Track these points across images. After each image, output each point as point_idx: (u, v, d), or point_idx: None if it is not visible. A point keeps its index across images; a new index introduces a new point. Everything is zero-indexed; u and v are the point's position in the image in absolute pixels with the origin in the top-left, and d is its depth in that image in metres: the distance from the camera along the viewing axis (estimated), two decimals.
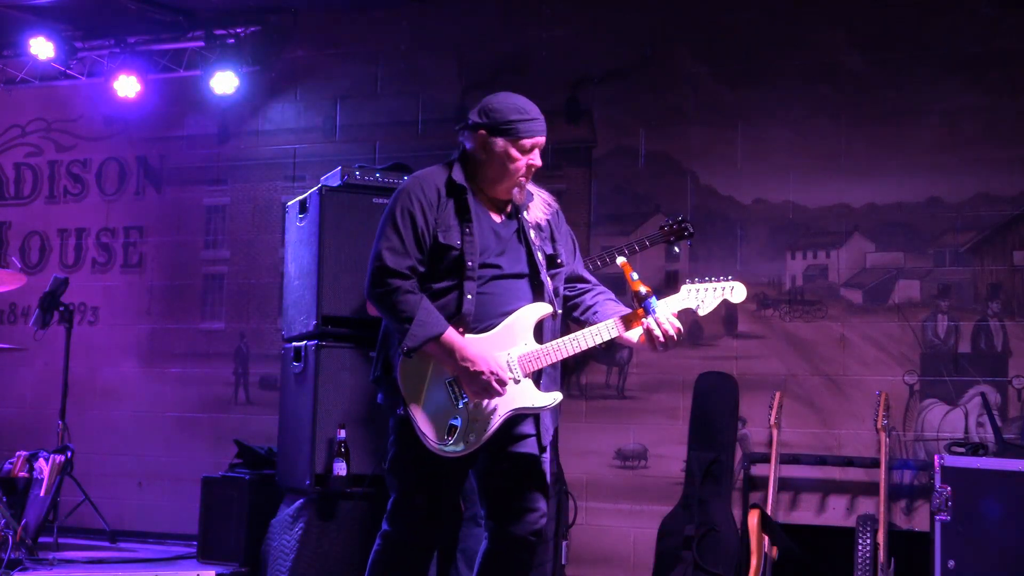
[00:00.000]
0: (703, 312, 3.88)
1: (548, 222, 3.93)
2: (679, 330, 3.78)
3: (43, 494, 6.21)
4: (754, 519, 5.33)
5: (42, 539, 6.22)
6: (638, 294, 3.77)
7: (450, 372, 3.70)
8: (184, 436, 7.52)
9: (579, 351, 3.80)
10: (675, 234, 5.97)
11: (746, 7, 6.53)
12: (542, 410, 3.80)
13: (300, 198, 6.08)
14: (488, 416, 3.71)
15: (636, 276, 3.79)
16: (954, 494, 4.95)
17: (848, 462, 5.99)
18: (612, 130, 6.74)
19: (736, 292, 3.88)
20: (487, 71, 7.01)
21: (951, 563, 4.91)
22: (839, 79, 6.31)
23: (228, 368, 7.53)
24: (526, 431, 3.83)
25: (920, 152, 6.14)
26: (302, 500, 5.69)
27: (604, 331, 3.79)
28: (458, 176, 3.82)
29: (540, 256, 3.84)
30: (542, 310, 3.80)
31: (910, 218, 6.14)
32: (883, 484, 5.42)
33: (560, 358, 3.78)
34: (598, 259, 5.94)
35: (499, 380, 3.67)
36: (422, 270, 3.75)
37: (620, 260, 3.87)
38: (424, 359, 3.70)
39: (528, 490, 3.83)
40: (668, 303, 3.84)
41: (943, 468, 5.00)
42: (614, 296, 3.99)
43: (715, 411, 6.07)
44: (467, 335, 3.71)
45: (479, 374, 3.66)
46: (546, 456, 3.88)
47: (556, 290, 3.89)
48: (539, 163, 3.82)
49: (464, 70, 7.10)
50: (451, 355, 3.67)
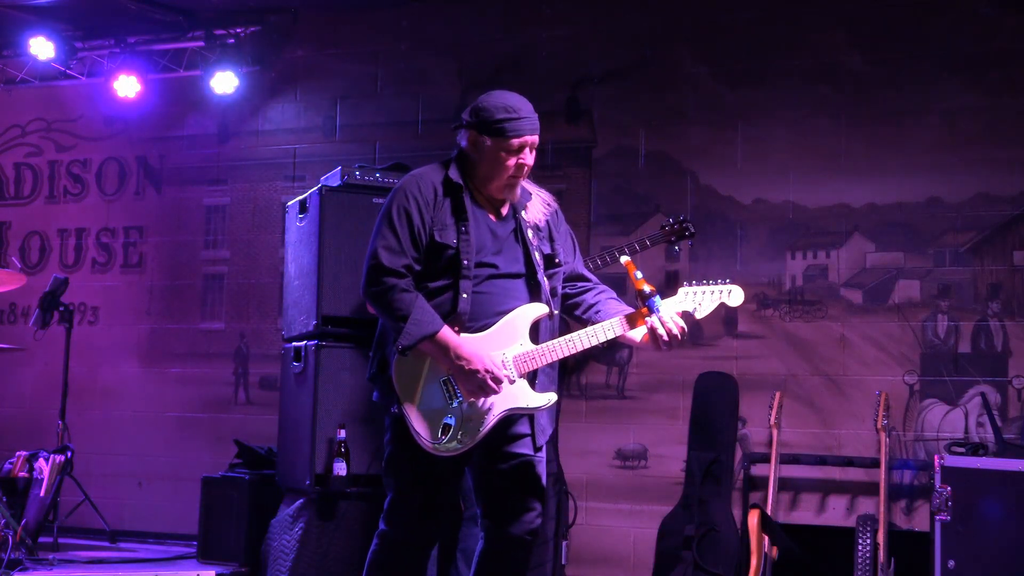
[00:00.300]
0: (700, 315, 3.88)
1: (547, 222, 3.92)
2: (683, 329, 3.78)
3: (43, 494, 6.20)
4: (754, 519, 5.33)
5: (42, 539, 6.21)
6: (642, 292, 3.77)
7: (445, 371, 3.70)
8: (184, 436, 7.52)
9: (576, 352, 3.80)
10: (676, 234, 5.97)
11: (746, 7, 6.53)
12: (537, 411, 3.79)
13: (300, 198, 6.08)
14: (482, 416, 3.71)
15: (640, 275, 3.80)
16: (954, 494, 4.95)
17: (848, 462, 5.99)
18: (612, 130, 6.74)
19: (734, 296, 3.88)
20: (487, 71, 7.00)
21: (951, 563, 4.91)
22: (839, 79, 6.31)
23: (228, 368, 7.53)
24: (521, 431, 3.82)
25: (920, 152, 6.14)
26: (302, 500, 5.68)
27: (604, 331, 3.79)
28: (455, 175, 3.82)
29: (537, 256, 3.83)
30: (538, 310, 3.80)
31: (910, 218, 6.14)
32: (883, 484, 5.42)
33: (556, 359, 3.78)
34: (598, 258, 5.94)
35: (494, 379, 3.66)
36: (418, 268, 3.74)
37: (624, 259, 3.86)
38: (419, 358, 3.70)
39: (524, 490, 3.82)
40: (665, 305, 3.83)
41: (943, 468, 4.99)
42: (616, 295, 3.98)
43: (715, 411, 6.07)
44: (462, 334, 3.70)
45: (474, 372, 3.65)
46: (542, 456, 3.88)
47: (554, 290, 3.88)
48: (530, 162, 3.80)
49: (464, 70, 7.10)
50: (446, 353, 3.66)
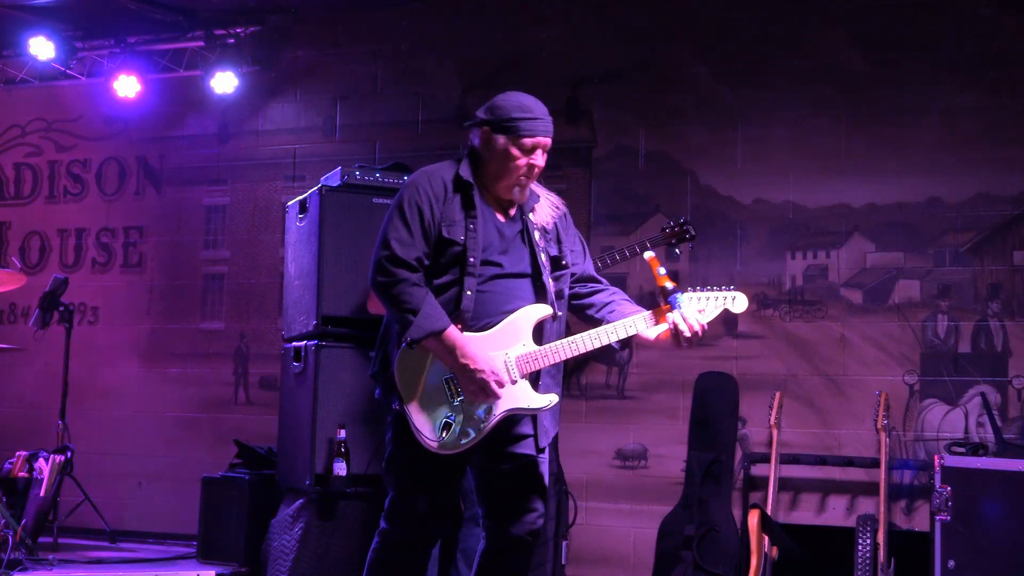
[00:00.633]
0: (703, 320, 3.88)
1: (555, 224, 3.92)
2: (704, 327, 3.79)
3: (43, 494, 6.20)
4: (754, 519, 5.33)
5: (42, 539, 6.22)
6: (664, 289, 3.78)
7: (448, 369, 3.70)
8: (184, 436, 7.52)
9: (578, 353, 3.80)
10: (676, 236, 5.97)
11: (746, 7, 6.53)
12: (538, 411, 3.79)
13: (300, 198, 6.08)
14: (483, 416, 3.71)
15: (663, 271, 3.81)
16: (954, 494, 4.95)
17: (848, 462, 5.99)
18: (612, 130, 6.74)
19: (738, 302, 3.89)
20: (487, 71, 7.01)
21: (951, 563, 4.91)
22: (839, 79, 6.31)
23: (228, 368, 7.53)
24: (524, 431, 3.83)
25: (920, 152, 6.14)
26: (302, 500, 5.68)
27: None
28: (465, 172, 3.82)
29: (543, 257, 3.83)
30: (542, 311, 3.79)
31: (910, 218, 6.14)
32: (883, 484, 5.42)
33: (559, 360, 3.78)
34: (598, 260, 5.93)
35: (497, 381, 3.67)
36: (427, 263, 3.74)
37: (648, 254, 3.88)
38: (422, 355, 3.70)
39: (526, 490, 3.83)
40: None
41: (943, 468, 4.99)
42: (628, 296, 3.98)
43: (715, 411, 6.07)
44: (465, 332, 3.71)
45: (476, 372, 3.65)
46: (544, 457, 3.88)
47: (559, 292, 3.88)
48: (541, 164, 3.80)
49: (464, 70, 7.10)
50: (451, 352, 3.66)
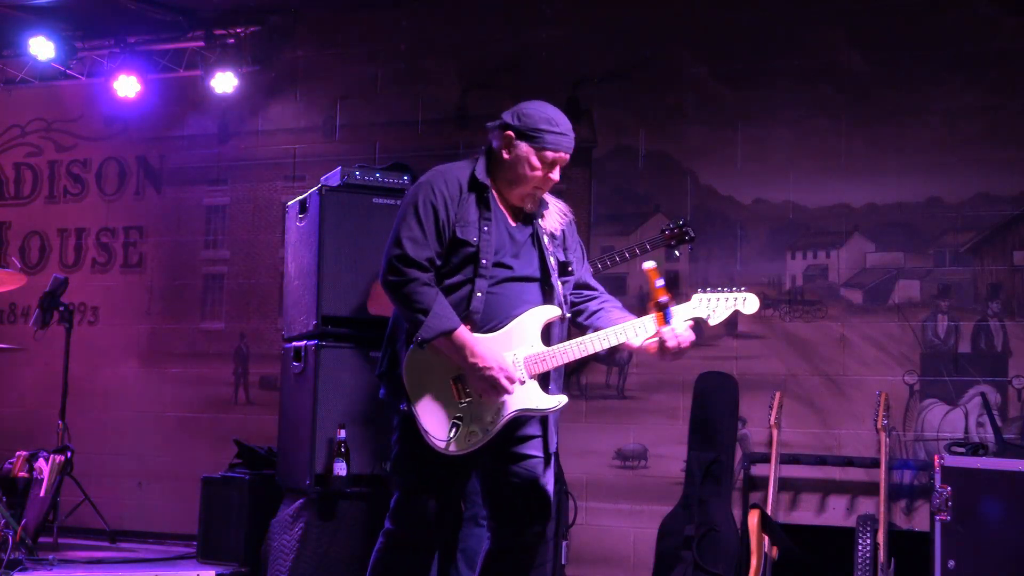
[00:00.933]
0: (714, 322, 3.87)
1: (563, 231, 3.94)
2: (691, 341, 3.79)
3: (43, 494, 6.20)
4: (754, 519, 5.33)
5: (42, 539, 6.22)
6: (659, 303, 3.76)
7: (458, 369, 3.70)
8: (184, 436, 7.52)
9: (588, 354, 3.80)
10: (676, 238, 5.98)
11: (746, 7, 6.53)
12: (547, 412, 3.80)
13: (300, 198, 6.08)
14: (492, 416, 3.71)
15: (661, 283, 3.78)
16: (954, 494, 4.95)
17: (848, 462, 5.99)
18: (612, 130, 6.74)
19: (748, 303, 3.87)
20: (487, 71, 7.01)
21: (951, 563, 4.91)
22: (839, 79, 6.30)
23: (228, 368, 7.53)
24: (531, 432, 3.83)
25: (920, 152, 6.14)
26: (302, 500, 5.68)
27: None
28: (481, 173, 3.82)
29: (552, 261, 3.84)
30: (551, 313, 3.80)
31: (910, 218, 6.14)
32: (883, 484, 5.41)
33: (567, 360, 3.78)
34: (598, 262, 5.94)
35: (508, 377, 3.67)
36: (439, 263, 3.75)
37: (648, 265, 3.83)
38: (431, 356, 3.70)
39: (531, 492, 3.83)
40: (678, 311, 3.83)
41: (943, 468, 4.99)
42: (620, 304, 3.98)
43: (715, 411, 6.06)
44: (474, 334, 3.71)
45: (487, 369, 3.65)
46: (550, 465, 3.89)
47: (566, 296, 3.90)
48: (556, 179, 3.82)
49: (464, 70, 7.10)
50: (460, 352, 3.67)
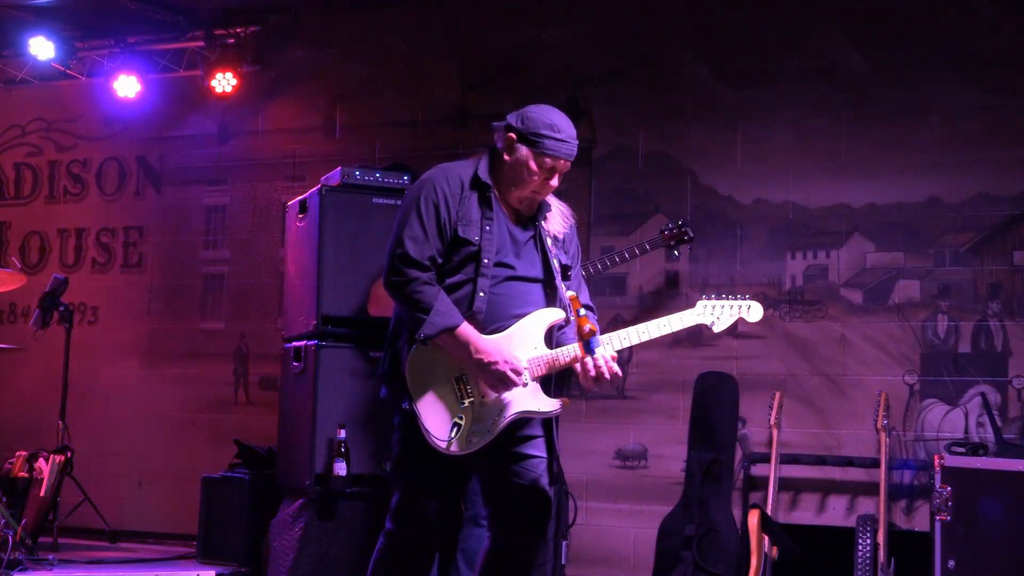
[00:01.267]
0: (718, 329, 3.89)
1: (565, 235, 3.94)
2: (615, 374, 3.75)
3: (43, 494, 6.21)
4: (754, 519, 5.33)
5: (42, 539, 6.22)
6: (581, 330, 3.73)
7: (462, 366, 3.70)
8: (184, 436, 7.52)
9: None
10: (675, 238, 6.00)
11: (746, 7, 6.53)
12: (548, 415, 3.80)
13: (300, 198, 6.08)
14: (494, 416, 3.71)
15: (583, 311, 3.74)
16: (954, 494, 4.95)
17: (848, 462, 5.99)
18: (612, 130, 6.73)
19: (752, 311, 3.89)
20: (487, 71, 7.01)
21: (951, 563, 4.91)
22: (839, 79, 6.30)
23: (228, 368, 7.53)
24: (532, 433, 3.83)
25: (920, 152, 6.13)
26: (302, 500, 5.69)
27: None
28: (483, 173, 3.82)
29: (556, 264, 3.84)
30: (554, 315, 3.80)
31: (910, 218, 6.14)
32: (883, 484, 5.42)
33: (569, 363, 3.77)
34: (598, 262, 5.94)
35: (514, 370, 3.67)
36: (440, 261, 3.75)
37: (569, 294, 3.79)
38: (433, 355, 3.70)
39: (532, 492, 3.83)
40: (683, 318, 3.84)
41: (943, 468, 4.99)
42: (595, 316, 3.92)
43: (715, 411, 6.06)
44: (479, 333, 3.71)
45: (493, 364, 3.65)
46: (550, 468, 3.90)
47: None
48: (555, 184, 3.82)
49: (464, 70, 7.09)
50: (465, 348, 3.67)
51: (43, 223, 8.14)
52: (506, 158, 3.81)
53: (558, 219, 3.93)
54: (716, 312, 3.88)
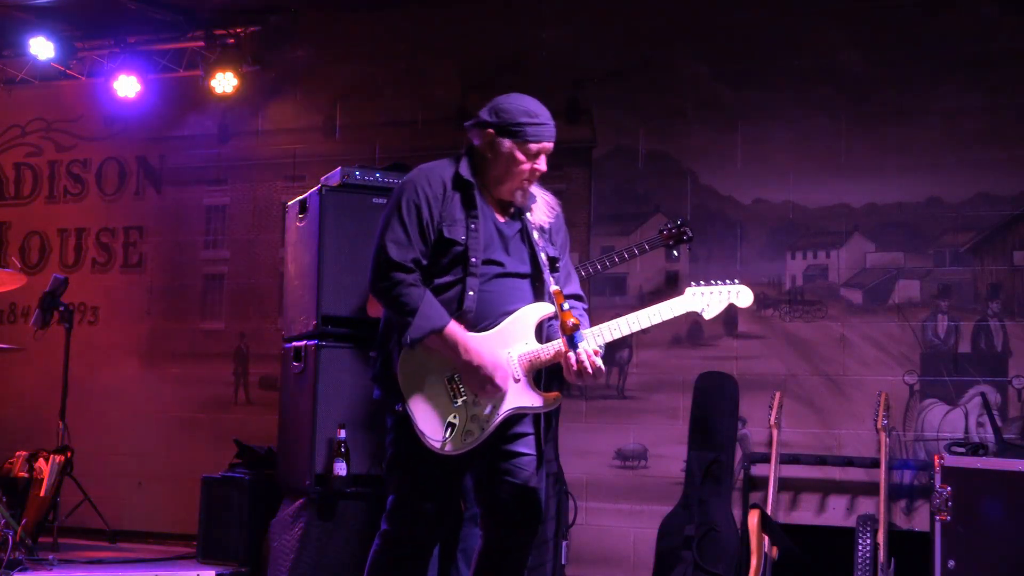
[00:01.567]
0: (708, 316, 3.85)
1: (551, 225, 3.92)
2: (598, 368, 3.70)
3: (43, 494, 6.21)
4: (754, 519, 5.33)
5: (42, 539, 6.22)
6: (564, 325, 3.70)
7: (450, 368, 3.70)
8: (184, 436, 7.52)
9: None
10: (674, 238, 6.00)
11: (746, 7, 6.53)
12: (541, 410, 3.79)
13: (300, 198, 6.08)
14: (486, 414, 3.71)
15: (567, 306, 3.72)
16: (954, 494, 4.95)
17: (848, 462, 5.99)
18: (612, 130, 6.74)
19: (742, 296, 3.86)
20: (487, 71, 7.00)
21: (951, 563, 4.91)
22: (839, 79, 6.30)
23: (228, 368, 7.53)
24: (524, 430, 3.82)
25: (920, 152, 6.14)
26: (302, 500, 5.68)
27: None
28: (465, 171, 3.81)
29: (543, 257, 3.82)
30: (544, 310, 3.80)
31: (910, 218, 6.14)
32: (883, 484, 5.42)
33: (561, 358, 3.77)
34: (598, 263, 5.94)
35: (502, 372, 3.67)
36: (425, 263, 3.74)
37: (553, 288, 3.76)
38: (423, 356, 3.70)
39: (524, 491, 3.81)
40: (672, 306, 3.82)
41: (943, 468, 4.99)
42: (585, 310, 3.93)
43: (715, 411, 6.06)
44: (468, 332, 3.70)
45: (481, 367, 3.65)
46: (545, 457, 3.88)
47: None
48: (544, 168, 3.80)
49: (464, 70, 7.10)
50: (454, 349, 3.66)
51: (43, 223, 8.14)
52: (489, 155, 3.79)
53: (543, 209, 3.90)
54: (706, 298, 3.84)
